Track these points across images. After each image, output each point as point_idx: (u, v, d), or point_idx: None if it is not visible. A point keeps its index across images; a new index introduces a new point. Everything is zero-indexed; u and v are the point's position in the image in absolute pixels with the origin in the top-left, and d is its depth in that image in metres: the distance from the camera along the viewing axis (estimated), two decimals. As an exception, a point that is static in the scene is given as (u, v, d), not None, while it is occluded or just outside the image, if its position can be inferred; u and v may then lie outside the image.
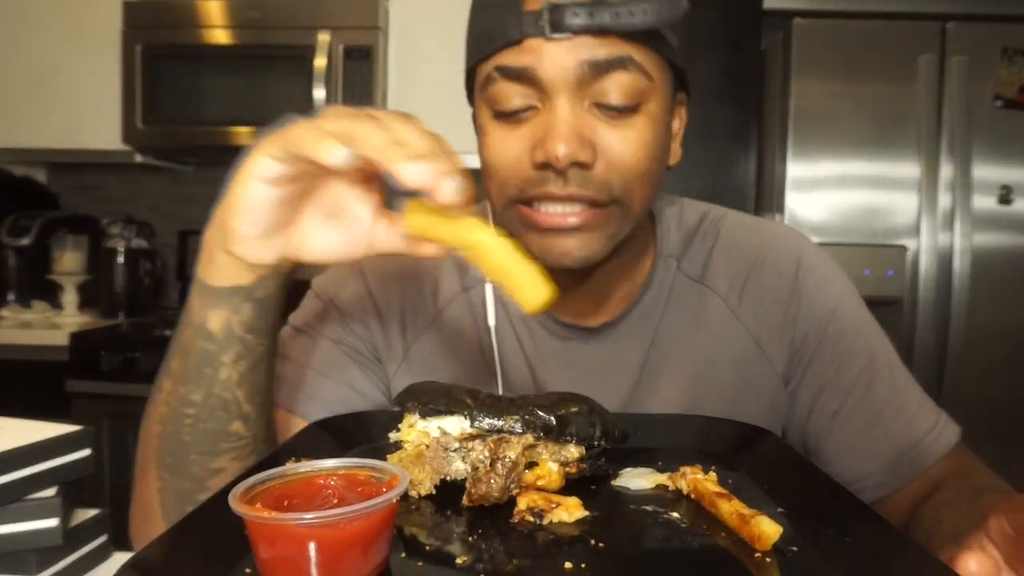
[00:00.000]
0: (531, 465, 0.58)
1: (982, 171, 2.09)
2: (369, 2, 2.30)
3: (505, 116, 0.68)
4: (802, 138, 2.14)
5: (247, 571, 0.44)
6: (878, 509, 0.57)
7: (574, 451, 0.59)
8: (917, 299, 2.10)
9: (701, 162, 2.35)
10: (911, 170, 2.10)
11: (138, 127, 2.39)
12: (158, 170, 2.77)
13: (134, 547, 0.67)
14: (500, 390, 0.80)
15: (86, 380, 2.14)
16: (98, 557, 0.67)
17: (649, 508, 0.55)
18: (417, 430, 0.59)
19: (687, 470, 0.58)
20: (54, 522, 0.61)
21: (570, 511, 0.53)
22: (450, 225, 0.54)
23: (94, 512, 0.67)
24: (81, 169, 2.84)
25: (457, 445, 0.58)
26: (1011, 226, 2.11)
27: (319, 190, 0.59)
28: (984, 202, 2.10)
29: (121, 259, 2.52)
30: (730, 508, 0.51)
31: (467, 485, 0.55)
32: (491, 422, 0.57)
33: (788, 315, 0.80)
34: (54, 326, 2.28)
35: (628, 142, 0.67)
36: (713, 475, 0.57)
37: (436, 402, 0.59)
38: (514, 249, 0.52)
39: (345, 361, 0.81)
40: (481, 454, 0.56)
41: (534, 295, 0.52)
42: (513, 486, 0.55)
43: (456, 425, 0.58)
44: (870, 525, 0.49)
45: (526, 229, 0.70)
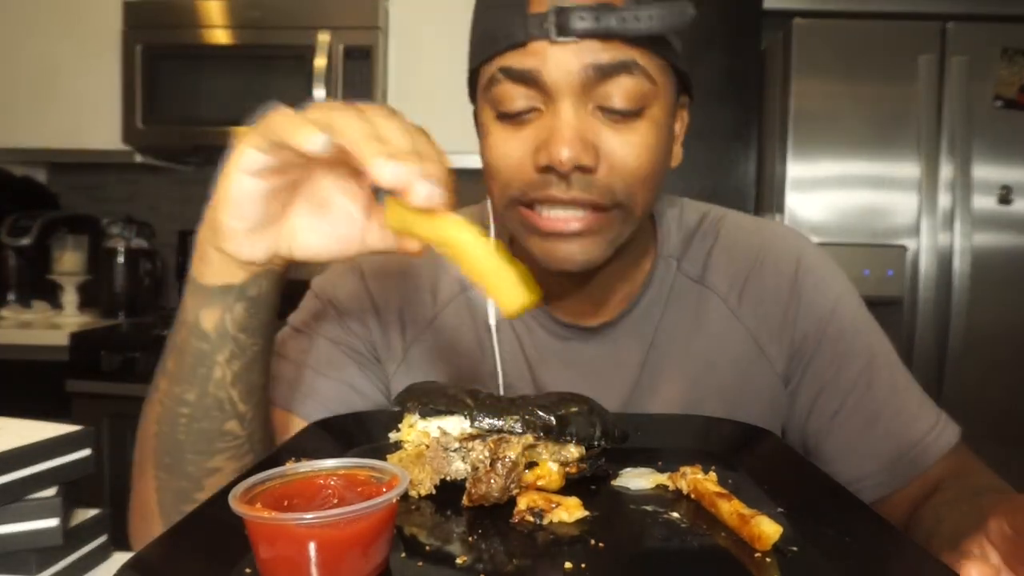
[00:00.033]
0: (531, 465, 0.58)
1: (982, 171, 2.09)
2: (369, 2, 2.30)
3: (508, 117, 0.68)
4: (802, 138, 2.14)
5: (247, 571, 0.44)
6: (878, 509, 0.57)
7: (574, 451, 0.59)
8: (917, 299, 2.10)
9: (701, 162, 2.35)
10: (911, 170, 2.10)
11: (138, 127, 2.39)
12: (158, 170, 2.77)
13: (133, 547, 0.67)
14: (501, 390, 0.80)
15: (86, 380, 2.14)
16: (98, 557, 0.67)
17: (649, 508, 0.55)
18: (417, 430, 0.59)
19: (687, 470, 0.58)
20: (54, 522, 0.61)
21: (570, 511, 0.53)
22: (430, 222, 0.52)
23: (94, 512, 0.67)
24: (81, 169, 2.84)
25: (457, 445, 0.58)
26: (1011, 226, 2.11)
27: (308, 185, 0.59)
28: (984, 202, 2.10)
29: (121, 259, 2.52)
30: (730, 508, 0.51)
31: (467, 485, 0.55)
32: (491, 422, 0.57)
33: (788, 315, 0.80)
34: (54, 326, 2.28)
35: (631, 146, 0.66)
36: (713, 475, 0.57)
37: (436, 402, 0.59)
38: (494, 250, 0.51)
39: (344, 361, 0.81)
40: (481, 454, 0.56)
41: (512, 298, 0.51)
42: (513, 486, 0.55)
43: (456, 425, 0.58)
44: (870, 525, 0.49)
45: (528, 232, 0.70)
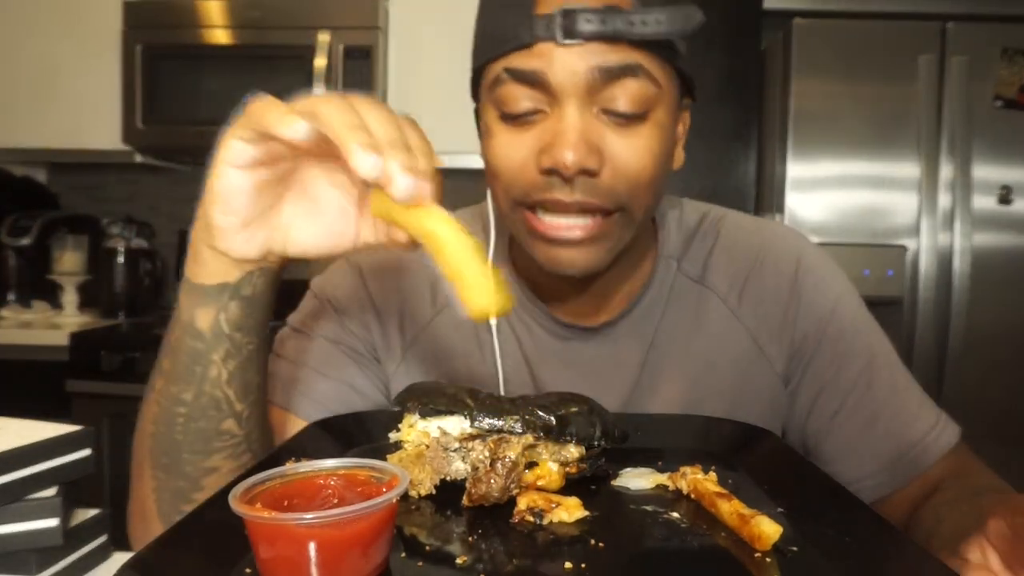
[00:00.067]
0: (531, 465, 0.58)
1: (982, 171, 2.09)
2: (369, 2, 2.30)
3: (512, 118, 0.67)
4: (802, 138, 2.14)
5: (247, 571, 0.44)
6: (878, 509, 0.57)
7: (574, 451, 0.59)
8: (917, 299, 2.10)
9: (701, 162, 2.35)
10: (911, 170, 2.10)
11: (138, 127, 2.39)
12: (158, 170, 2.77)
13: (133, 547, 0.67)
14: (501, 390, 0.80)
15: (86, 380, 2.14)
16: (98, 557, 0.67)
17: (649, 508, 0.55)
18: (417, 430, 0.59)
19: (687, 470, 0.58)
20: (54, 522, 0.61)
21: (570, 511, 0.53)
22: (412, 213, 0.52)
23: (94, 512, 0.67)
24: (81, 169, 2.84)
25: (457, 445, 0.58)
26: (1011, 226, 2.11)
27: (298, 180, 0.59)
28: (984, 202, 2.10)
29: (121, 259, 2.52)
30: (730, 508, 0.51)
31: (467, 485, 0.55)
32: (491, 422, 0.57)
33: (788, 315, 0.80)
34: (54, 326, 2.28)
35: (635, 150, 0.66)
36: (713, 475, 0.57)
37: (436, 402, 0.59)
38: (473, 248, 0.51)
39: (344, 361, 0.81)
40: (481, 454, 0.56)
41: (481, 303, 0.50)
42: (513, 486, 0.55)
43: (456, 425, 0.58)
44: (870, 525, 0.49)
45: (531, 236, 0.70)
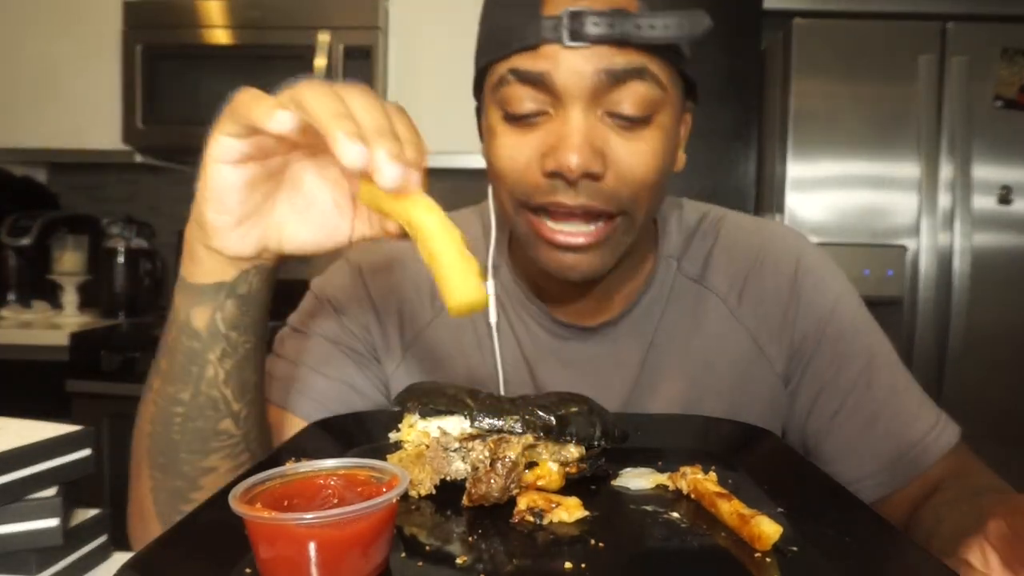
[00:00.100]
0: (531, 465, 0.58)
1: (982, 171, 2.09)
2: (369, 2, 2.30)
3: (516, 119, 0.67)
4: (802, 138, 2.14)
5: (247, 571, 0.44)
6: (878, 509, 0.57)
7: (574, 451, 0.59)
8: (917, 299, 2.10)
9: (701, 162, 2.35)
10: (911, 170, 2.10)
11: (138, 127, 2.39)
12: (158, 170, 2.77)
13: (133, 547, 0.67)
14: (501, 390, 0.80)
15: (86, 380, 2.14)
16: (98, 557, 0.67)
17: (649, 508, 0.55)
18: (417, 430, 0.59)
19: (687, 470, 0.58)
20: (54, 522, 0.61)
21: (570, 511, 0.53)
22: (398, 201, 0.52)
23: (94, 512, 0.67)
24: (81, 169, 2.84)
25: (457, 445, 0.58)
26: (1011, 226, 2.11)
27: (290, 175, 0.59)
28: (984, 202, 2.10)
29: (121, 259, 2.52)
30: (730, 508, 0.51)
31: (467, 485, 0.55)
32: (491, 422, 0.57)
33: (787, 315, 0.80)
34: (54, 326, 2.28)
35: (639, 154, 0.66)
36: (713, 475, 0.57)
37: (436, 402, 0.59)
38: (458, 240, 0.50)
39: (343, 360, 0.81)
40: (481, 454, 0.56)
41: (462, 295, 0.49)
42: (513, 486, 0.55)
43: (456, 425, 0.58)
44: (870, 525, 0.49)
45: (535, 239, 0.70)
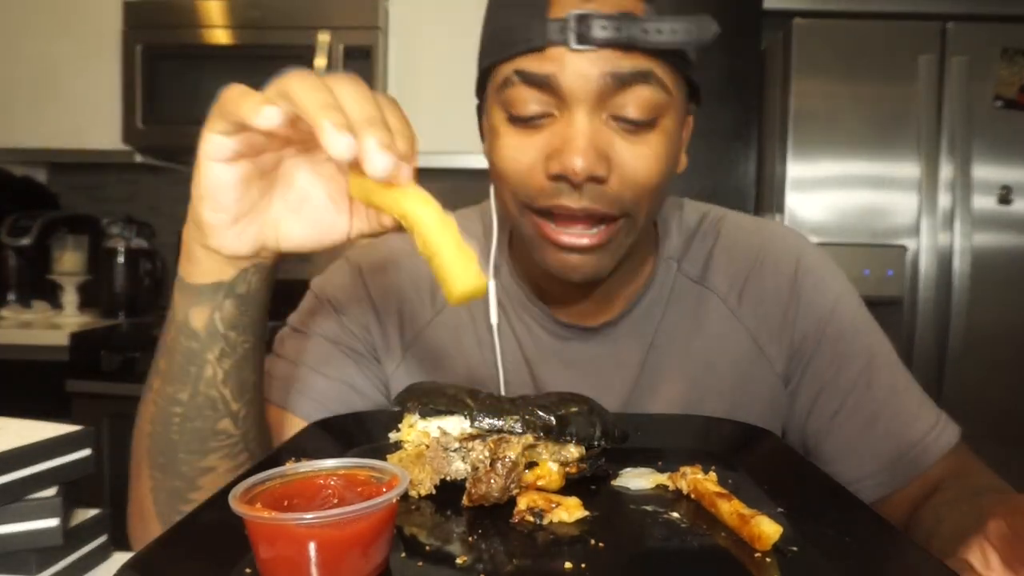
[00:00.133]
0: (531, 465, 0.58)
1: (982, 171, 2.09)
2: (369, 2, 2.30)
3: (520, 121, 0.67)
4: (802, 138, 2.14)
5: (247, 571, 0.44)
6: (878, 509, 0.57)
7: (574, 451, 0.59)
8: (917, 299, 2.10)
9: (701, 162, 2.35)
10: (911, 170, 2.10)
11: (138, 127, 2.39)
12: (158, 170, 2.77)
13: (133, 547, 0.67)
14: (501, 390, 0.80)
15: (86, 380, 2.14)
16: (98, 557, 0.67)
17: (649, 508, 0.55)
18: (417, 430, 0.59)
19: (687, 470, 0.58)
20: (54, 522, 0.61)
21: (570, 511, 0.53)
22: (390, 193, 0.51)
23: (94, 512, 0.67)
24: (81, 169, 2.84)
25: (457, 445, 0.58)
26: (1011, 226, 2.11)
27: (285, 173, 0.59)
28: (984, 202, 2.10)
29: (121, 259, 2.52)
30: (730, 508, 0.51)
31: (467, 485, 0.55)
32: (491, 422, 0.57)
33: (787, 315, 0.80)
34: (54, 326, 2.28)
35: (643, 158, 0.66)
36: (713, 475, 0.57)
37: (436, 402, 0.59)
38: (454, 230, 0.50)
39: (343, 360, 0.81)
40: (481, 454, 0.56)
41: (462, 283, 0.49)
42: (513, 486, 0.55)
43: (456, 425, 0.58)
44: (870, 525, 0.49)
45: (540, 239, 0.70)
